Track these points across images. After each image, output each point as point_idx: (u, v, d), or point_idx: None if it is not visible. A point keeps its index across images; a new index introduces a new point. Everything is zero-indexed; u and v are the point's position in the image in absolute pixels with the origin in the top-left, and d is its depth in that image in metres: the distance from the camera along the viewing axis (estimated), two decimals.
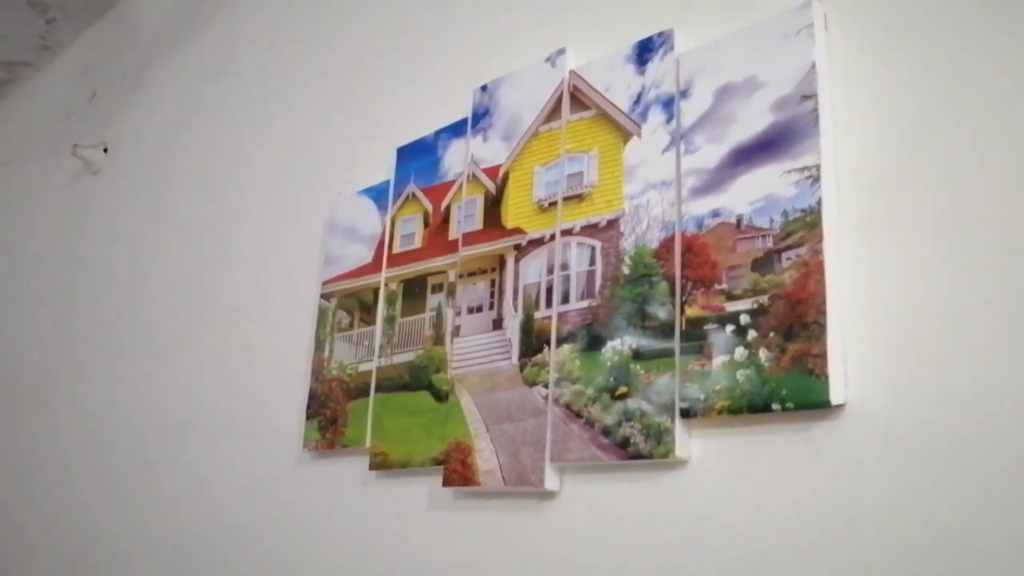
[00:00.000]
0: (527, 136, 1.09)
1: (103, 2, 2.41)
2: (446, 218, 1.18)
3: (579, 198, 1.00)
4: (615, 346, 0.91)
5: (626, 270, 0.93)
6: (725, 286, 0.84)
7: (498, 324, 1.05)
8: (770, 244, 0.82)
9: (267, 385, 1.43)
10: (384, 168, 1.31)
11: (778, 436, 0.79)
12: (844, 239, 0.79)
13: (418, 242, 1.21)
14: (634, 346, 0.90)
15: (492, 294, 1.07)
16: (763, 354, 0.79)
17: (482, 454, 1.01)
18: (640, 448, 0.86)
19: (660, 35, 0.97)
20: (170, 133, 1.98)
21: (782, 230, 0.81)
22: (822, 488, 0.75)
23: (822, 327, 0.76)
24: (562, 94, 1.06)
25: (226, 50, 1.87)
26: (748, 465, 0.81)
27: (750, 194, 0.84)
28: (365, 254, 1.28)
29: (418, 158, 1.25)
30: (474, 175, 1.14)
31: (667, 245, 0.90)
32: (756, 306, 0.81)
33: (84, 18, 2.47)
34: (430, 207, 1.21)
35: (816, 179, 0.80)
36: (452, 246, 1.15)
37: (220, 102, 1.83)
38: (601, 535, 0.90)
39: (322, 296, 1.33)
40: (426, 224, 1.21)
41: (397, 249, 1.24)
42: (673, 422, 0.84)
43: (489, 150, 1.13)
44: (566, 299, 0.98)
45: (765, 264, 0.81)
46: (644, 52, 0.98)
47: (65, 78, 2.56)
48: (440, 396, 1.09)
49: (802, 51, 0.83)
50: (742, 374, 0.80)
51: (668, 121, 0.93)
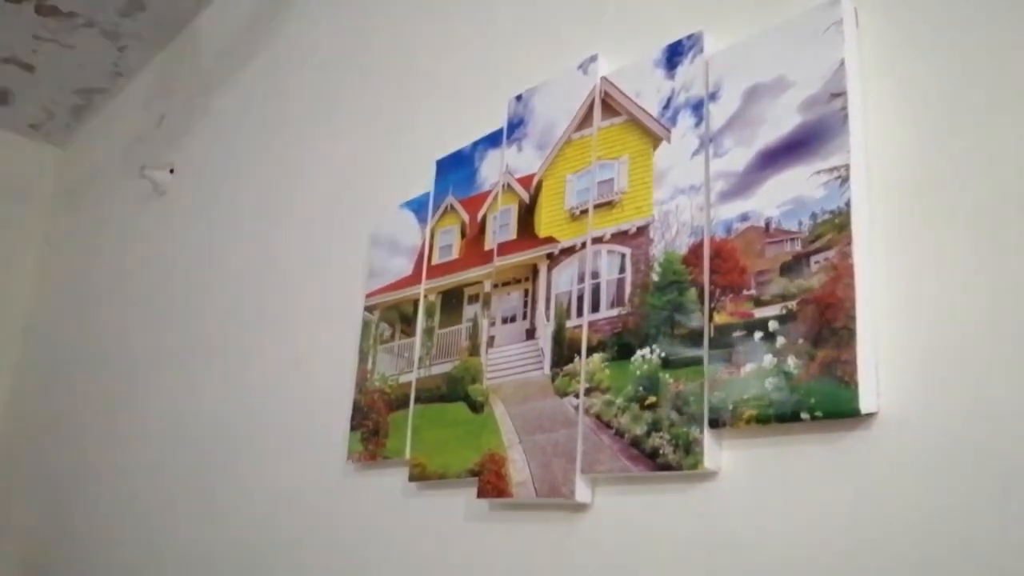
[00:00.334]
0: (560, 144, 1.08)
1: (171, 29, 2.49)
2: (482, 228, 1.18)
3: (610, 205, 0.99)
4: (644, 355, 0.89)
5: (655, 277, 0.91)
6: (754, 292, 0.81)
7: (531, 334, 1.05)
8: (799, 248, 0.79)
9: (317, 398, 1.45)
10: (424, 181, 1.32)
11: (808, 446, 0.76)
12: (876, 241, 0.76)
13: (455, 253, 1.21)
14: (663, 355, 0.88)
15: (525, 304, 1.07)
16: (792, 361, 0.76)
17: (515, 465, 1.00)
18: (669, 459, 0.84)
19: (690, 38, 0.95)
20: (230, 153, 2.03)
21: (811, 233, 0.78)
22: (854, 501, 0.72)
23: (851, 332, 0.73)
24: (594, 101, 1.05)
25: (280, 72, 1.92)
26: (778, 477, 0.78)
27: (779, 197, 0.82)
28: (406, 266, 1.29)
29: (456, 170, 1.25)
30: (509, 185, 1.14)
31: (696, 251, 0.88)
32: (785, 312, 0.78)
33: (154, 45, 2.57)
34: (467, 218, 1.21)
35: (845, 179, 0.77)
36: (488, 256, 1.15)
37: (274, 122, 1.87)
38: (632, 550, 0.88)
39: (366, 309, 1.35)
40: (463, 235, 1.21)
41: (436, 261, 1.24)
42: (702, 432, 0.82)
43: (524, 159, 1.13)
44: (597, 307, 0.97)
45: (794, 268, 0.79)
46: (674, 56, 0.96)
47: (136, 103, 2.66)
48: (475, 407, 1.09)
49: (831, 48, 0.81)
50: (770, 382, 0.77)
51: (697, 124, 0.91)
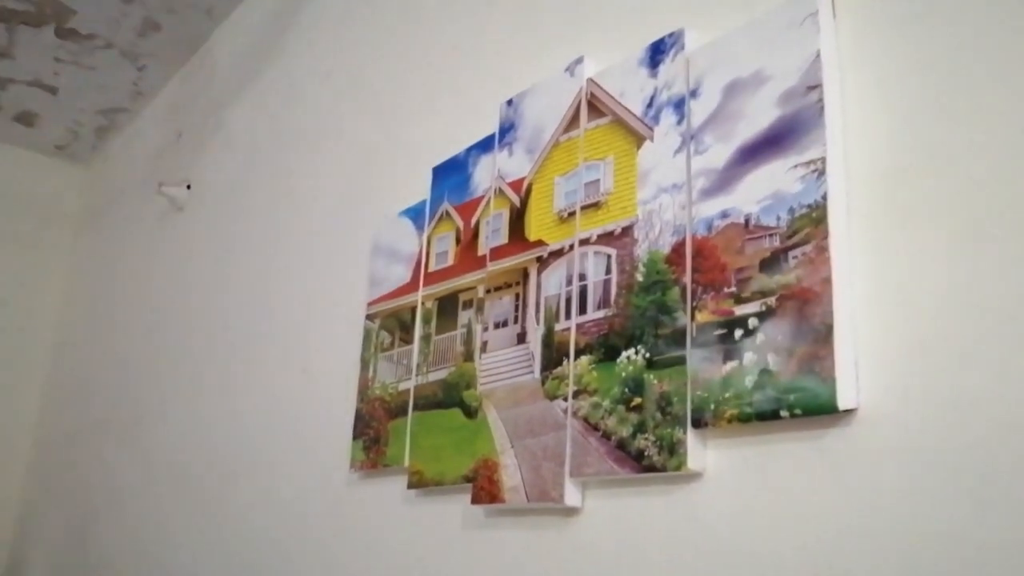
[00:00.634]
0: (548, 147, 1.07)
1: (187, 47, 2.53)
2: (476, 234, 1.18)
3: (596, 206, 0.98)
4: (629, 356, 0.88)
5: (640, 277, 0.90)
6: (734, 289, 0.80)
7: (522, 338, 1.04)
8: (777, 243, 0.78)
9: (322, 407, 1.45)
10: (423, 188, 1.32)
11: (791, 444, 0.75)
12: (854, 235, 0.74)
13: (451, 259, 1.21)
14: (648, 355, 0.87)
15: (516, 308, 1.06)
16: (771, 359, 0.75)
17: (507, 470, 0.99)
18: (654, 460, 0.83)
19: (671, 35, 0.94)
20: (241, 167, 2.05)
21: (789, 228, 0.77)
22: (836, 498, 0.71)
23: (829, 328, 0.71)
24: (580, 103, 1.04)
25: (286, 87, 1.94)
26: (761, 476, 0.76)
27: (758, 192, 0.80)
28: (405, 274, 1.29)
29: (451, 175, 1.25)
30: (500, 190, 1.14)
31: (679, 250, 0.87)
32: (764, 309, 0.77)
33: (171, 64, 2.60)
34: (461, 224, 1.21)
35: (822, 172, 0.75)
36: (481, 262, 1.14)
37: (282, 136, 1.89)
38: (622, 551, 0.87)
39: (367, 317, 1.35)
40: (458, 241, 1.21)
41: (432, 267, 1.24)
42: (685, 433, 0.80)
43: (514, 163, 1.12)
44: (584, 310, 0.96)
45: (772, 264, 0.77)
46: (656, 54, 0.96)
47: (157, 121, 2.70)
48: (470, 412, 1.08)
49: (807, 40, 0.80)
50: (750, 380, 0.76)
51: (679, 122, 0.91)
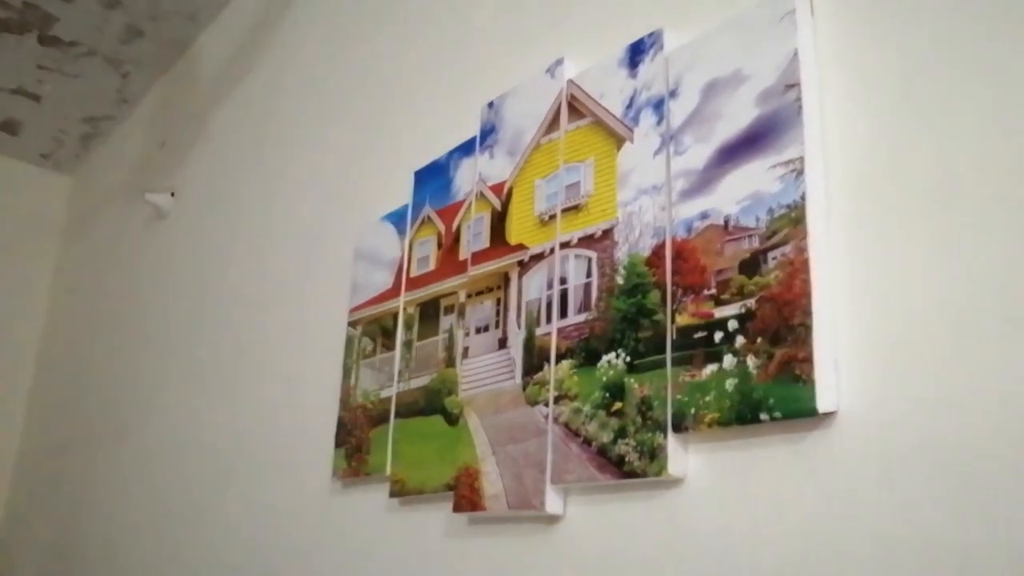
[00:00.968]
0: (529, 150, 1.06)
1: (170, 54, 2.51)
2: (457, 238, 1.16)
3: (576, 209, 0.97)
4: (610, 360, 0.87)
5: (620, 280, 0.89)
6: (714, 291, 0.79)
7: (503, 343, 1.03)
8: (756, 244, 0.77)
9: (305, 415, 1.44)
10: (405, 192, 1.31)
11: (771, 448, 0.74)
12: (834, 235, 0.73)
13: (432, 264, 1.20)
14: (628, 359, 0.85)
15: (498, 312, 1.05)
16: (751, 361, 0.74)
17: (488, 478, 0.98)
18: (635, 466, 0.81)
19: (651, 35, 0.94)
20: (224, 174, 2.04)
21: (768, 228, 0.76)
22: (817, 502, 0.70)
23: (808, 329, 0.70)
24: (560, 105, 1.03)
25: (269, 94, 1.92)
26: (742, 480, 0.75)
27: (737, 193, 0.79)
28: (387, 279, 1.28)
29: (433, 179, 1.24)
30: (481, 193, 1.12)
31: (659, 252, 0.86)
32: (744, 311, 0.76)
33: (155, 70, 2.59)
34: (443, 228, 1.19)
35: (800, 172, 0.74)
36: (463, 266, 1.13)
37: (264, 142, 1.88)
38: (604, 559, 0.86)
39: (349, 324, 1.33)
40: (440, 245, 1.19)
41: (414, 273, 1.23)
42: (665, 438, 0.79)
43: (495, 166, 1.11)
44: (565, 313, 0.95)
45: (752, 265, 0.76)
46: (636, 54, 0.95)
47: (140, 128, 2.68)
48: (451, 419, 1.07)
49: (785, 38, 0.79)
50: (730, 383, 0.75)
51: (659, 123, 0.90)
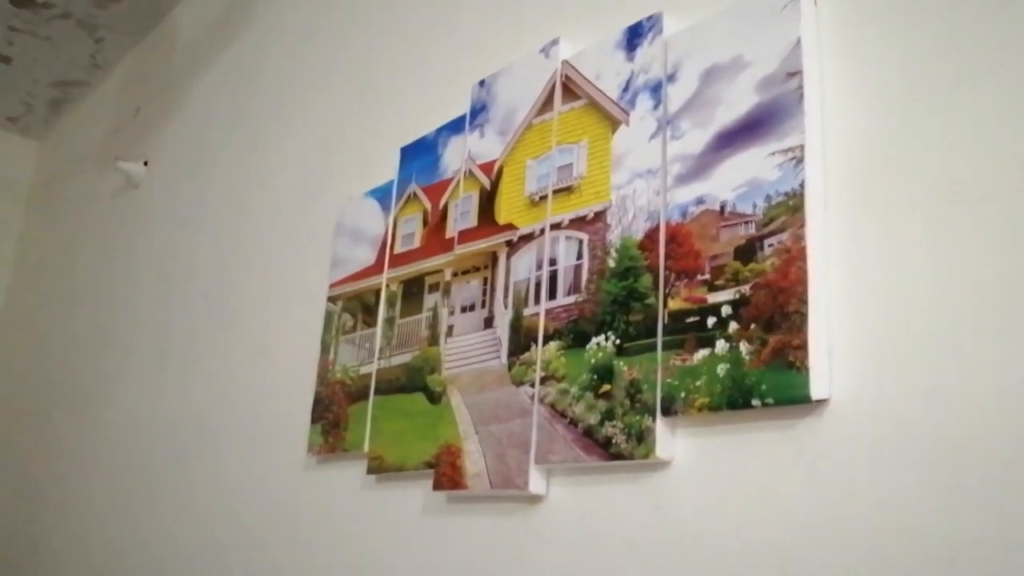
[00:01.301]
0: (521, 129, 1.06)
1: (147, 20, 2.46)
2: (444, 216, 1.16)
3: (568, 190, 0.97)
4: (599, 342, 0.87)
5: (612, 263, 0.89)
6: (708, 277, 0.79)
7: (489, 323, 1.02)
8: (753, 231, 0.77)
9: (280, 390, 1.42)
10: (391, 168, 1.29)
11: (761, 434, 0.74)
12: (831, 224, 0.74)
13: (417, 242, 1.19)
14: (618, 342, 0.85)
15: (484, 292, 1.04)
16: (744, 347, 0.74)
17: (470, 456, 0.97)
18: (622, 448, 0.81)
19: (650, 19, 0.93)
20: (200, 145, 2.00)
21: (765, 215, 0.76)
22: (806, 489, 0.70)
23: (803, 317, 0.71)
24: (555, 85, 1.03)
25: (250, 64, 1.89)
26: (731, 465, 0.76)
27: (734, 179, 0.79)
28: (369, 255, 1.27)
29: (420, 156, 1.23)
30: (470, 171, 1.12)
31: (652, 236, 0.86)
32: (738, 297, 0.76)
33: (130, 36, 2.53)
34: (429, 206, 1.18)
35: (800, 160, 0.75)
36: (449, 244, 1.12)
37: (243, 113, 1.85)
38: (587, 540, 0.86)
39: (329, 299, 1.32)
40: (425, 223, 1.18)
41: (398, 249, 1.22)
42: (654, 421, 0.79)
43: (485, 145, 1.10)
44: (554, 295, 0.94)
45: (747, 252, 0.77)
46: (634, 37, 0.94)
47: (114, 95, 2.63)
48: (433, 397, 1.06)
49: (788, 26, 0.79)
50: (722, 368, 0.75)
51: (656, 107, 0.89)
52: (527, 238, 1.00)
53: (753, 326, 0.74)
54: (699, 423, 0.78)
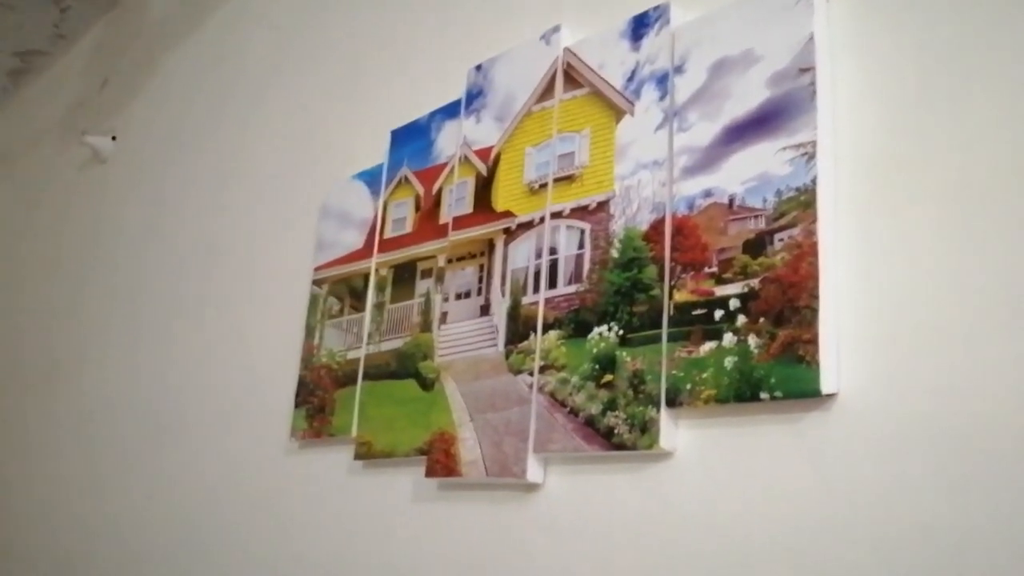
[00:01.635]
0: (520, 116, 1.05)
1: None
2: (437, 202, 1.14)
3: (570, 179, 0.96)
4: (602, 332, 0.87)
5: (615, 254, 0.89)
6: (715, 269, 0.79)
7: (485, 310, 1.02)
8: (762, 225, 0.77)
9: (259, 372, 1.40)
10: (379, 151, 1.28)
11: (767, 427, 0.75)
12: (841, 220, 0.74)
13: (409, 227, 1.18)
14: (621, 332, 0.85)
15: (480, 279, 1.04)
16: (752, 340, 0.74)
17: (465, 444, 0.97)
18: (624, 439, 0.82)
19: (656, 9, 0.93)
20: (176, 121, 1.96)
21: (775, 210, 0.76)
22: (812, 481, 0.71)
23: (814, 312, 0.71)
24: (556, 72, 1.02)
25: (230, 38, 1.85)
26: (736, 457, 0.76)
27: (743, 173, 0.80)
28: (357, 239, 1.25)
29: (412, 141, 1.21)
30: (466, 157, 1.11)
31: (657, 227, 0.86)
32: (746, 290, 0.76)
33: (98, 6, 2.47)
34: (422, 191, 1.17)
35: (812, 156, 0.75)
36: (442, 230, 1.11)
37: (222, 90, 1.81)
38: (585, 528, 0.86)
39: (314, 282, 1.30)
40: (418, 208, 1.17)
41: (388, 234, 1.20)
42: (658, 412, 0.80)
43: (482, 131, 1.09)
44: (554, 284, 0.94)
45: (757, 246, 0.77)
46: (639, 27, 0.94)
47: (79, 67, 2.56)
48: (426, 384, 1.06)
49: (800, 22, 0.79)
50: (730, 361, 0.76)
51: (662, 98, 0.89)
52: (526, 226, 1.00)
53: (762, 320, 0.74)
54: (702, 415, 0.79)
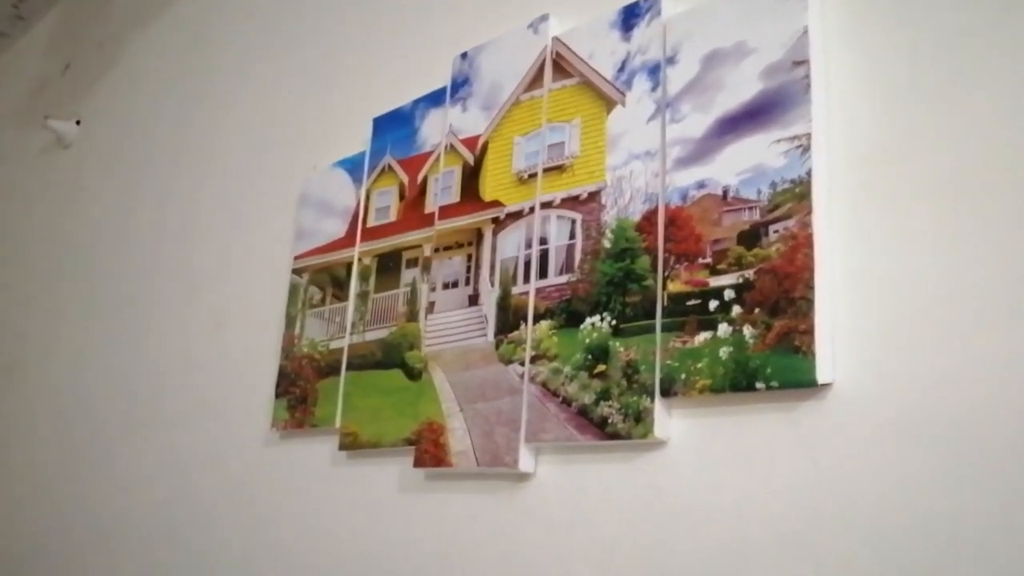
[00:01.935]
0: (507, 105, 1.05)
1: None
2: (422, 191, 1.14)
3: (560, 169, 0.96)
4: (594, 322, 0.87)
5: (607, 244, 0.89)
6: (709, 260, 0.80)
7: (474, 300, 1.02)
8: (757, 216, 0.78)
9: (236, 362, 1.39)
10: (359, 139, 1.26)
11: (762, 416, 0.75)
12: (835, 212, 0.75)
13: (393, 215, 1.17)
14: (614, 323, 0.86)
15: (468, 269, 1.03)
16: (747, 331, 0.75)
17: (455, 434, 0.97)
18: (618, 428, 0.82)
19: (647, 0, 0.93)
20: (144, 106, 1.92)
21: (770, 202, 0.77)
22: (807, 471, 0.72)
23: (810, 303, 0.72)
24: (544, 62, 1.02)
25: (202, 20, 1.82)
26: (730, 446, 0.77)
27: (737, 164, 0.80)
28: (339, 228, 1.24)
29: (395, 129, 1.20)
30: (452, 146, 1.10)
31: (650, 218, 0.86)
32: (741, 281, 0.77)
33: None
34: (406, 179, 1.16)
35: (806, 149, 0.76)
36: (428, 220, 1.11)
37: (195, 74, 1.78)
38: (577, 518, 0.86)
39: (293, 271, 1.29)
40: (402, 197, 1.16)
41: (372, 223, 1.19)
42: (652, 401, 0.80)
43: (468, 120, 1.09)
44: (544, 274, 0.94)
45: (751, 237, 0.78)
46: (630, 18, 0.94)
47: (39, 49, 2.49)
48: (413, 374, 1.05)
49: (794, 15, 0.80)
50: (725, 351, 0.76)
51: (654, 89, 0.90)
52: (515, 216, 0.99)
53: (757, 310, 0.75)
54: (697, 404, 0.80)
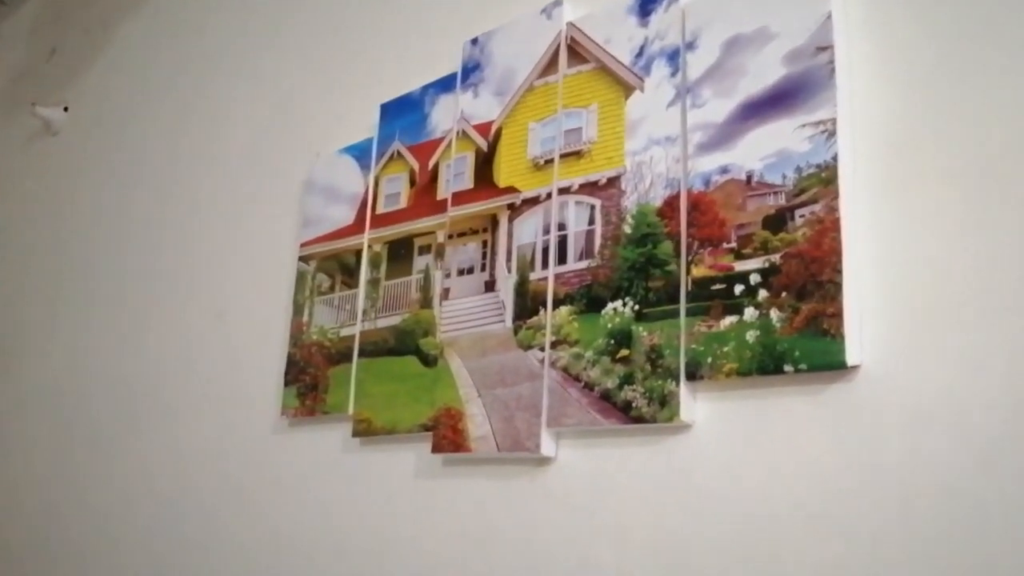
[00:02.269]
0: (521, 91, 1.04)
1: None
2: (434, 177, 1.14)
3: (577, 155, 0.96)
4: (616, 308, 0.88)
5: (628, 229, 0.89)
6: (734, 245, 0.81)
7: (490, 286, 1.02)
8: (783, 201, 0.78)
9: (243, 351, 1.38)
10: (367, 125, 1.26)
11: (789, 399, 0.76)
12: (860, 196, 0.76)
13: (403, 202, 1.16)
14: (636, 307, 0.86)
15: (484, 255, 1.03)
16: (775, 314, 0.76)
17: (474, 420, 0.97)
18: (643, 412, 0.83)
19: None
20: (136, 92, 1.90)
21: (795, 186, 0.78)
22: (835, 452, 0.73)
23: (838, 286, 0.73)
24: (559, 47, 1.02)
25: (195, 6, 1.80)
26: (757, 429, 0.78)
27: (761, 149, 0.81)
28: (347, 215, 1.24)
29: (403, 115, 1.20)
30: (464, 132, 1.10)
31: (671, 203, 0.86)
32: (767, 265, 0.78)
33: None
34: (416, 165, 1.16)
35: (832, 133, 0.76)
36: (440, 206, 1.11)
37: (191, 58, 1.76)
38: (600, 502, 0.87)
39: (300, 259, 1.28)
40: (412, 183, 1.16)
41: (381, 209, 1.19)
42: (678, 385, 0.81)
43: (480, 106, 1.09)
44: (563, 260, 0.94)
45: (777, 222, 0.78)
46: (647, 3, 0.94)
47: (23, 34, 2.45)
48: (428, 361, 1.05)
49: (817, 1, 0.80)
50: (752, 335, 0.77)
51: (673, 74, 0.90)
52: (531, 202, 1.00)
53: (784, 294, 0.76)
54: (723, 388, 0.80)
